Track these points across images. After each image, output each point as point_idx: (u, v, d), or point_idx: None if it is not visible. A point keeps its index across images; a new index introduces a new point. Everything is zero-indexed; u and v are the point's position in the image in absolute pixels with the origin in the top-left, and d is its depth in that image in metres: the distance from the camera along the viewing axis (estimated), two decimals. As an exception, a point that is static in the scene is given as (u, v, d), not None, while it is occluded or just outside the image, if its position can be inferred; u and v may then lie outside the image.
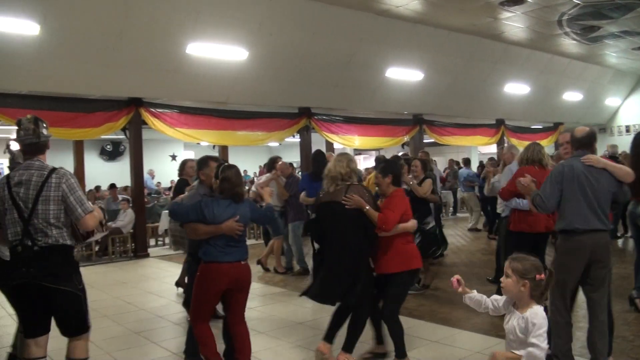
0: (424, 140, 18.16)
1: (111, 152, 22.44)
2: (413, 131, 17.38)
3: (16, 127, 4.22)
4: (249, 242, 5.46)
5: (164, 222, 13.08)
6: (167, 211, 13.36)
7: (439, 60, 15.16)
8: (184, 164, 8.46)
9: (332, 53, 13.15)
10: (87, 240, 4.37)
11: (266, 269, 10.06)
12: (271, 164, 9.96)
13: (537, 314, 3.26)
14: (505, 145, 14.04)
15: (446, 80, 16.05)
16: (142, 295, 8.61)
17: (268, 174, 9.93)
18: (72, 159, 13.81)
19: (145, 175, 19.70)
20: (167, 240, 13.90)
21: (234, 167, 4.77)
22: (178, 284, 8.52)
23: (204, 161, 5.37)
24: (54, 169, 4.10)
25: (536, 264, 3.33)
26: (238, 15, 11.30)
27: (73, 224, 4.16)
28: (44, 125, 4.24)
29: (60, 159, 13.44)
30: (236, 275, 4.62)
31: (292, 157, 18.60)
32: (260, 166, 23.68)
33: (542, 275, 3.30)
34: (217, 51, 11.68)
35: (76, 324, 4.17)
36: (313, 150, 10.37)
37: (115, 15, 10.22)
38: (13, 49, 9.75)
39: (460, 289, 3.61)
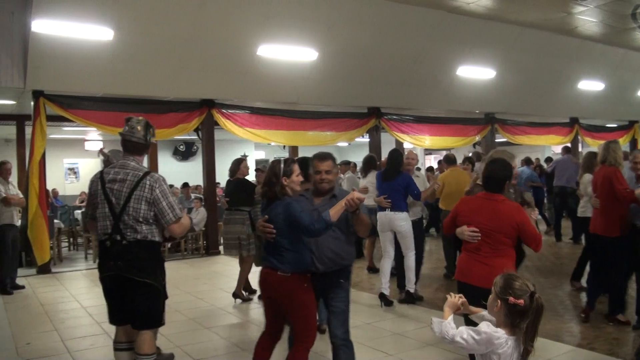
0: (496, 140, 17.82)
1: (184, 152, 22.86)
2: (485, 130, 17.06)
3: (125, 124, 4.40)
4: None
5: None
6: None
7: (511, 57, 14.84)
8: (238, 162, 8.30)
9: (402, 52, 13.08)
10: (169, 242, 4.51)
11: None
12: (371, 164, 9.90)
13: (490, 327, 2.84)
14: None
15: (518, 78, 15.68)
16: (213, 292, 8.78)
17: (371, 174, 9.68)
18: (146, 159, 14.16)
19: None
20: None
21: (272, 162, 4.45)
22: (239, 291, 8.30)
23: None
24: (149, 172, 4.29)
25: (519, 286, 2.83)
26: (308, 16, 11.38)
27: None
28: (151, 131, 4.44)
29: (135, 159, 13.88)
30: (270, 283, 4.21)
31: (359, 157, 18.55)
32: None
33: (520, 301, 2.79)
34: (288, 52, 11.80)
35: (151, 317, 4.30)
36: (384, 150, 10.23)
37: (187, 19, 10.46)
38: (88, 54, 10.14)
39: (462, 309, 3.13)
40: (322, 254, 4.30)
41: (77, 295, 8.75)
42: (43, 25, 9.40)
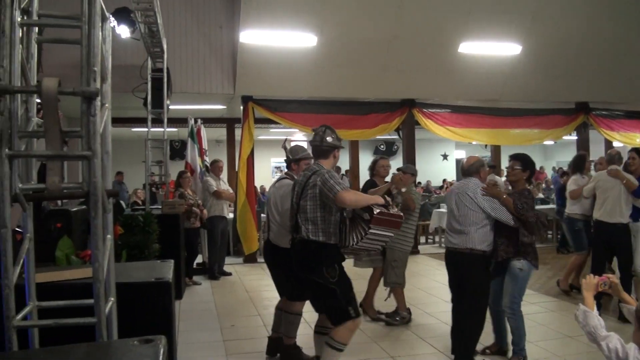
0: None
1: (384, 152, 23.11)
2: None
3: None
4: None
5: (434, 220, 13.25)
6: (438, 210, 13.52)
7: None
8: (374, 162, 7.36)
9: (612, 41, 12.00)
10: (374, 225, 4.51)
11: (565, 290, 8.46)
12: (578, 165, 8.50)
13: (636, 353, 2.48)
14: None
15: None
16: (412, 291, 8.73)
17: (577, 175, 8.37)
18: (348, 159, 14.53)
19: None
20: (437, 238, 14.05)
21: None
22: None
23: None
24: (317, 171, 4.50)
25: None
26: (510, 9, 10.96)
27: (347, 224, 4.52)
28: (329, 133, 4.64)
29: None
30: None
31: (566, 156, 17.60)
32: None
33: None
34: (490, 48, 11.52)
35: (333, 315, 4.47)
36: (592, 149, 9.46)
37: (388, 21, 10.58)
38: (293, 60, 10.71)
39: (605, 289, 2.82)
40: None
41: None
42: (250, 36, 10.15)
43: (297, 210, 4.52)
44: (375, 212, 4.29)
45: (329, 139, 4.60)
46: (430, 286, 9.08)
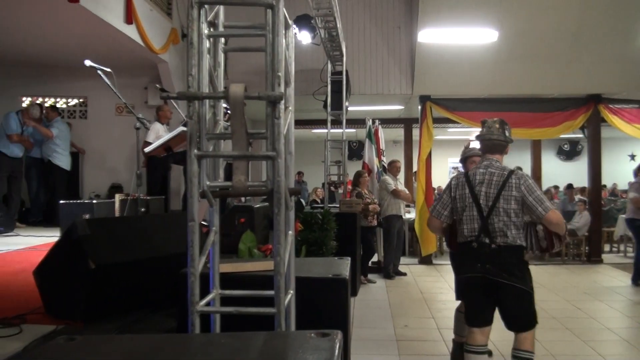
0: None
1: (568, 152, 22.14)
2: None
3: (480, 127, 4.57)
4: None
5: (620, 227, 12.42)
6: (624, 216, 12.66)
7: None
8: None
9: None
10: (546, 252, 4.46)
11: None
12: None
13: None
14: None
15: None
16: (592, 303, 8.30)
17: None
18: (530, 158, 14.06)
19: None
20: (622, 247, 13.22)
21: None
22: None
23: None
24: (512, 171, 4.31)
25: None
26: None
27: (530, 230, 4.32)
28: (507, 128, 4.50)
29: (518, 159, 13.88)
30: None
31: None
32: None
33: None
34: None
35: (525, 320, 4.25)
36: None
37: (571, 12, 10.09)
38: (473, 57, 10.57)
39: None
40: None
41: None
42: (428, 35, 10.16)
43: (491, 212, 4.25)
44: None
45: (507, 132, 4.47)
46: (613, 299, 8.48)
